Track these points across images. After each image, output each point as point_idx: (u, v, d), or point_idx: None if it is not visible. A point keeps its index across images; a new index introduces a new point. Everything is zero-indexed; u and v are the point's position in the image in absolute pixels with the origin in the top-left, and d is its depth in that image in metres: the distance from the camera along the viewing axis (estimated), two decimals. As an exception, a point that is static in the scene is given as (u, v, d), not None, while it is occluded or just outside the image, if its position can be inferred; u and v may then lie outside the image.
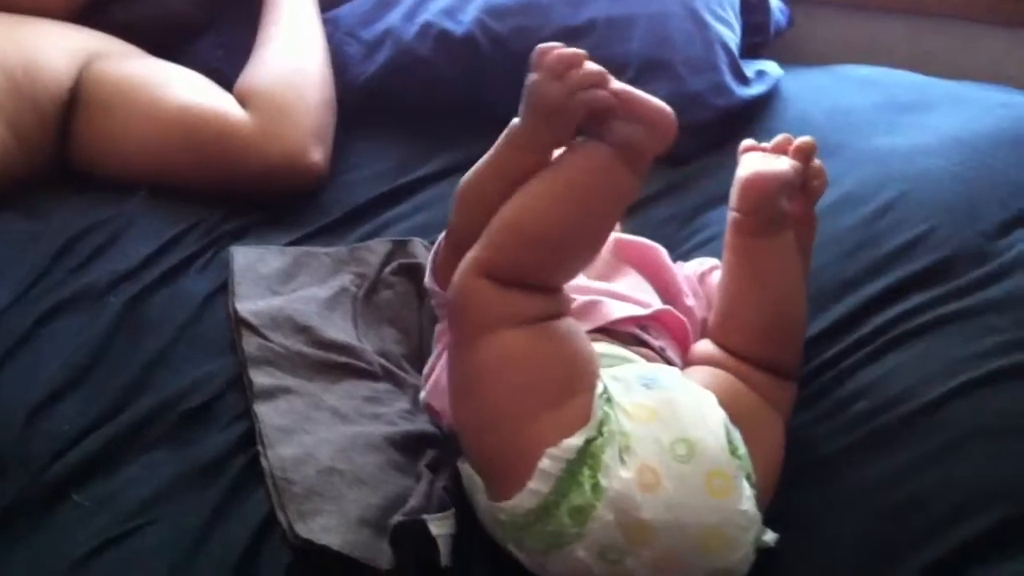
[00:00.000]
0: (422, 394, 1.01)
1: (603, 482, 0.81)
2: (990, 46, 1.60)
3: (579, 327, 0.90)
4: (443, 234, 0.99)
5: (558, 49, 0.86)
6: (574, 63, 0.86)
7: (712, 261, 1.10)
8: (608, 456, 0.82)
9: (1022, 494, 0.93)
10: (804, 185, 0.97)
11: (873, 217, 1.20)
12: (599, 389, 0.85)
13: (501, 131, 1.33)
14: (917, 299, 1.10)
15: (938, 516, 0.92)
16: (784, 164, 0.96)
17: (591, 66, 0.86)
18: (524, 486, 0.82)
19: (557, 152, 0.90)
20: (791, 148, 0.98)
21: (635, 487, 0.81)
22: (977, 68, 1.52)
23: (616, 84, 0.87)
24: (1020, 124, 1.30)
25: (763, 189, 0.94)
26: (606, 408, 0.84)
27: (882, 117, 1.36)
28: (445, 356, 0.95)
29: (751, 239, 0.95)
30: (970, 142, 1.27)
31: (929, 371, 1.02)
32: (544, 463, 0.82)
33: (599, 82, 0.86)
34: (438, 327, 1.03)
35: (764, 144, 1.00)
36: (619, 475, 0.81)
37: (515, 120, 0.89)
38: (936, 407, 0.99)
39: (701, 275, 1.09)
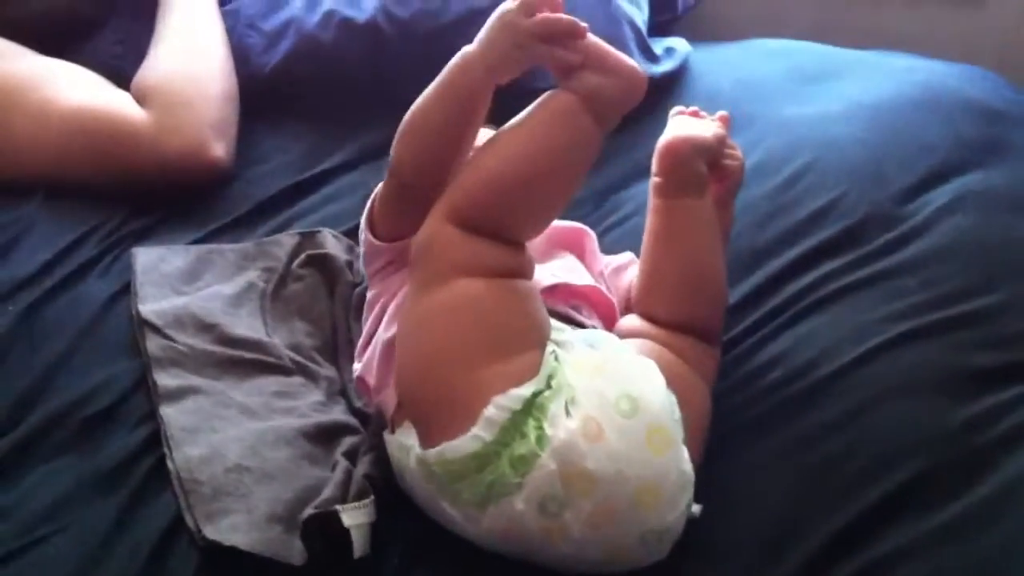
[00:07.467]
0: (356, 366, 1.00)
1: (548, 431, 0.81)
2: (891, 14, 1.62)
3: (536, 290, 0.91)
4: (378, 187, 0.99)
5: None
6: (549, 6, 0.89)
7: (632, 256, 1.10)
8: (555, 406, 0.82)
9: (935, 446, 0.93)
10: (719, 162, 1.00)
11: (784, 186, 1.20)
12: (549, 348, 0.86)
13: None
14: (828, 266, 1.10)
15: (855, 474, 0.92)
16: (705, 128, 1.00)
17: (566, 18, 0.89)
18: (466, 432, 0.82)
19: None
20: (717, 116, 1.03)
21: (579, 436, 0.81)
22: (878, 36, 1.53)
23: (591, 38, 0.90)
24: (922, 88, 1.31)
25: (680, 151, 0.98)
26: (554, 363, 0.84)
27: (790, 88, 1.36)
28: (382, 324, 0.96)
29: (669, 200, 0.98)
30: (875, 107, 1.28)
31: (840, 336, 1.02)
32: (489, 411, 0.81)
33: (571, 33, 0.88)
34: (369, 295, 1.02)
35: (692, 108, 1.03)
36: (565, 424, 0.81)
37: (466, 47, 0.91)
38: (848, 371, 0.99)
39: (615, 268, 1.09)
